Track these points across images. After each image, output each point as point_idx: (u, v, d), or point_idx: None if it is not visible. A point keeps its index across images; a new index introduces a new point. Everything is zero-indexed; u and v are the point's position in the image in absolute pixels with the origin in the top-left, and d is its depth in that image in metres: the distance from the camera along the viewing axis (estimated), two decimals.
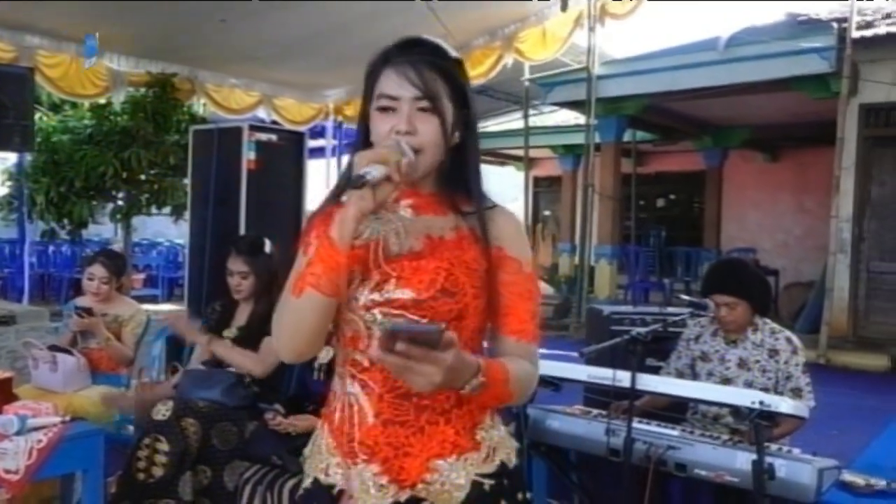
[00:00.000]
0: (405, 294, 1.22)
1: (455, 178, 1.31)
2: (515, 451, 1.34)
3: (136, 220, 9.70)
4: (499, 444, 1.30)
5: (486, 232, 1.27)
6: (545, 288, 12.01)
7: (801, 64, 7.94)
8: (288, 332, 1.23)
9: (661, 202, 15.13)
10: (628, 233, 12.22)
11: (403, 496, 1.23)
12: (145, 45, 7.69)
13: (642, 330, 2.55)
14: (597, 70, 9.17)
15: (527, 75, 9.76)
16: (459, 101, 1.28)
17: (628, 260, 11.36)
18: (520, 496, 1.31)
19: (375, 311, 1.23)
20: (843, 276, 8.22)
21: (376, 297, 1.23)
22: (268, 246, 3.14)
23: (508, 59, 8.93)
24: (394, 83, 1.23)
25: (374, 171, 1.14)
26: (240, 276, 3.10)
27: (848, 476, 2.69)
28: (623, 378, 2.55)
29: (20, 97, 4.67)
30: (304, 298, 1.18)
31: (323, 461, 1.30)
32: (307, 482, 1.33)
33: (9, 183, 9.06)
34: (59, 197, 8.45)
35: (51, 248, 10.92)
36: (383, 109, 1.24)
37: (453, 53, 1.30)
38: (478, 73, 9.34)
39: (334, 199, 1.29)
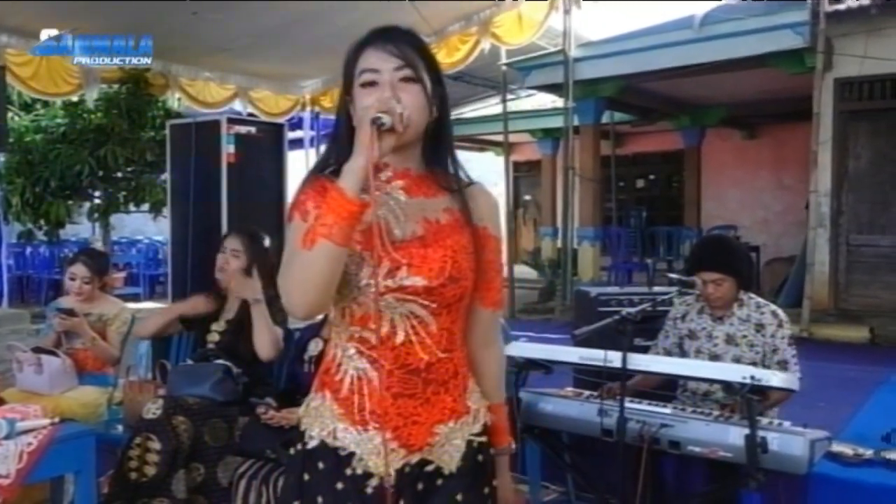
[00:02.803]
0: (417, 282, 1.31)
1: (437, 157, 1.40)
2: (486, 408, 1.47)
3: (115, 219, 9.58)
4: (481, 405, 1.44)
5: (469, 213, 1.38)
6: (528, 272, 12.05)
7: (775, 40, 7.97)
8: (301, 287, 1.25)
9: (640, 183, 15.18)
10: (610, 214, 12.24)
11: (413, 458, 1.35)
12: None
13: (632, 310, 2.56)
14: (573, 52, 9.16)
15: (503, 60, 9.72)
16: (435, 77, 1.36)
17: (611, 241, 11.41)
18: (492, 450, 1.46)
19: (389, 296, 1.31)
20: (823, 250, 8.30)
21: (389, 283, 1.30)
22: (267, 240, 3.12)
23: (485, 45, 8.91)
24: (375, 58, 1.31)
25: (385, 119, 1.22)
26: (232, 254, 3.06)
27: (836, 447, 2.73)
28: (614, 358, 2.56)
29: None
30: (316, 249, 1.21)
31: (328, 426, 1.36)
32: (312, 444, 1.37)
33: None
34: (35, 197, 8.32)
35: (28, 250, 10.76)
36: (366, 84, 1.31)
37: (425, 39, 1.40)
38: (455, 59, 9.30)
39: (319, 171, 1.37)
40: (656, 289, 3.93)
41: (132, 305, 4.22)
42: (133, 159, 8.37)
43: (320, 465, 1.35)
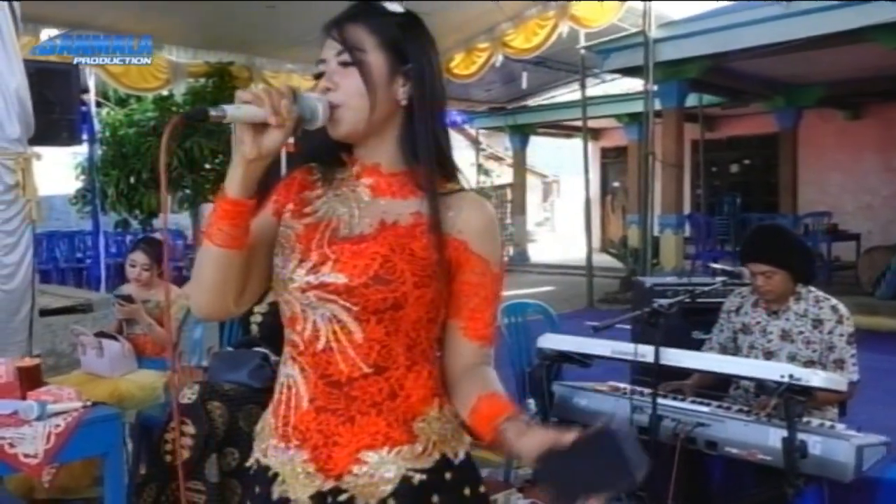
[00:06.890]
0: (338, 279, 1.15)
1: (416, 152, 1.20)
2: (467, 444, 1.25)
3: (207, 208, 9.96)
4: (442, 437, 1.21)
5: (437, 219, 1.17)
6: (613, 262, 11.79)
7: (871, 12, 7.39)
8: (195, 286, 1.21)
9: (734, 168, 14.58)
10: (699, 201, 11.79)
11: (327, 486, 1.18)
12: (201, 36, 7.84)
13: (664, 302, 2.44)
14: (654, 33, 8.83)
15: (582, 43, 9.49)
16: (396, 52, 1.19)
17: (697, 229, 10.99)
18: (467, 491, 1.22)
19: (311, 294, 1.17)
20: None
21: (311, 279, 1.17)
22: None
23: (564, 28, 8.72)
24: (325, 46, 1.20)
25: (232, 110, 1.07)
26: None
27: None
28: (646, 353, 2.45)
29: (65, 92, 4.81)
30: (201, 250, 1.17)
31: (264, 441, 1.26)
32: (251, 461, 1.29)
33: (82, 177, 9.45)
34: (129, 188, 8.77)
35: (128, 238, 11.33)
36: (319, 76, 1.21)
37: (394, 7, 1.22)
38: (534, 44, 9.15)
39: (298, 164, 1.30)
40: (717, 279, 3.75)
41: None
42: (219, 150, 8.65)
43: (256, 489, 1.26)
